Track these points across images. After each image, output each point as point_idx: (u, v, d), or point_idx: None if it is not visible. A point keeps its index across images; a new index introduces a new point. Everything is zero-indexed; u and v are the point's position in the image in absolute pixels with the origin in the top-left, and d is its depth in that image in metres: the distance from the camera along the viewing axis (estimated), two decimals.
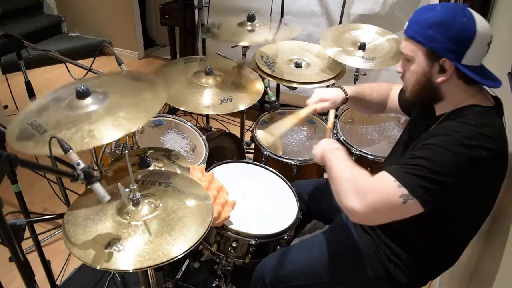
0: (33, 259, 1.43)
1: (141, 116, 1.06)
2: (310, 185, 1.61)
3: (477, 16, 0.96)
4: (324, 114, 2.50)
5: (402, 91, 1.37)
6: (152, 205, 1.09)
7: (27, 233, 1.11)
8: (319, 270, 1.24)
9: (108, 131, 1.00)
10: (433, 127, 1.07)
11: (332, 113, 1.45)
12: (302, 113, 1.46)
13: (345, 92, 1.43)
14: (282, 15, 2.60)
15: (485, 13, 2.57)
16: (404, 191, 0.93)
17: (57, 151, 0.92)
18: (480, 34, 0.95)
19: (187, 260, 1.86)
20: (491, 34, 0.97)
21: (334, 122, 1.37)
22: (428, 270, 1.19)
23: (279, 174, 1.66)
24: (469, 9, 0.97)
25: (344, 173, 1.05)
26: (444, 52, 0.97)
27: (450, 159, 0.92)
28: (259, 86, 1.85)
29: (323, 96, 1.42)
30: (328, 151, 1.18)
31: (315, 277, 1.24)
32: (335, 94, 1.42)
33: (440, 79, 1.01)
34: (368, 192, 0.98)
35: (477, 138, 0.92)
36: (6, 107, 2.80)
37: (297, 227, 1.51)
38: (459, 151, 0.92)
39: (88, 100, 1.10)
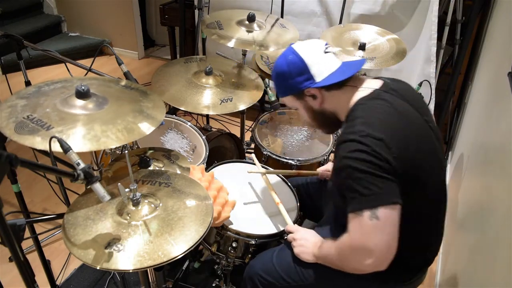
0: (33, 259, 1.44)
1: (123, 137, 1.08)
2: (303, 182, 1.61)
3: (298, 45, 1.16)
4: None
5: None
6: (152, 205, 1.09)
7: (27, 233, 1.12)
8: (308, 270, 1.24)
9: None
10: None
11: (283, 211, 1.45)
12: (304, 172, 1.68)
13: None
14: (282, 15, 2.60)
15: (485, 13, 2.58)
16: (366, 213, 0.96)
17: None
18: (306, 57, 1.13)
19: (187, 260, 1.86)
20: (320, 45, 1.16)
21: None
22: (415, 263, 1.20)
23: (279, 174, 1.66)
24: (293, 45, 1.17)
25: (337, 260, 1.11)
26: (300, 87, 1.16)
27: (355, 158, 0.98)
28: (259, 86, 1.85)
29: (329, 166, 1.60)
30: (318, 250, 1.19)
31: (304, 277, 1.24)
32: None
33: (318, 103, 1.18)
34: (360, 245, 1.00)
35: (365, 128, 1.00)
36: None
37: None
38: (356, 148, 0.98)
39: (86, 101, 1.11)
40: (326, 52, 1.15)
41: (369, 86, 1.13)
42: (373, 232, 0.97)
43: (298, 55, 1.14)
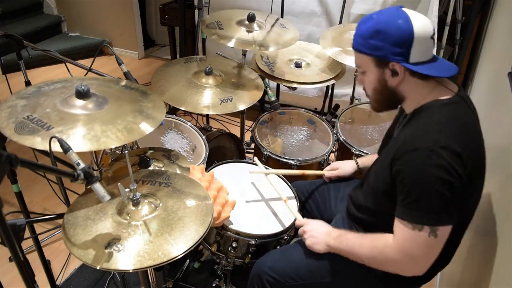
0: (33, 259, 1.44)
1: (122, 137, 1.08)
2: (309, 186, 1.61)
3: (413, 15, 1.01)
4: (324, 114, 2.51)
5: None
6: (152, 205, 1.09)
7: (27, 233, 1.12)
8: (317, 270, 1.24)
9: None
10: (400, 129, 1.14)
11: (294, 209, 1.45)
12: (308, 172, 1.65)
13: (357, 164, 1.55)
14: (282, 15, 2.60)
15: (485, 13, 2.58)
16: (426, 229, 0.96)
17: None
18: (418, 32, 0.99)
19: (187, 260, 1.86)
20: (431, 27, 1.02)
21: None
22: (435, 268, 1.19)
23: (279, 174, 1.66)
24: (404, 9, 1.03)
25: (371, 255, 1.09)
26: (390, 57, 1.03)
27: (431, 173, 0.94)
28: (259, 86, 1.85)
29: (335, 165, 1.58)
30: (334, 241, 1.17)
31: (313, 277, 1.24)
32: (346, 165, 1.56)
33: (395, 82, 1.07)
34: (409, 255, 1.00)
35: (443, 138, 0.95)
36: None
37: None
38: (432, 161, 0.93)
39: (86, 101, 1.11)
40: (431, 38, 1.02)
41: (450, 87, 1.06)
42: (428, 247, 0.98)
43: (410, 24, 0.99)
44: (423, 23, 1.00)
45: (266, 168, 1.65)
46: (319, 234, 1.22)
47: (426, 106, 1.05)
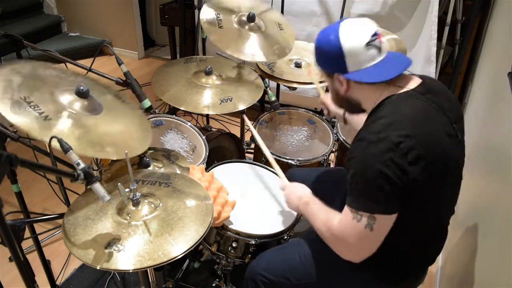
0: (33, 259, 1.44)
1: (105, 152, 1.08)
2: (307, 174, 1.61)
3: (343, 28, 1.05)
4: (324, 114, 2.51)
5: None
6: (152, 205, 1.10)
7: (27, 233, 1.12)
8: (311, 269, 1.24)
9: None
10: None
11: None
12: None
13: (345, 112, 1.58)
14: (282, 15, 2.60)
15: (485, 13, 2.58)
16: (364, 218, 0.99)
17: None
18: (345, 45, 1.04)
19: (187, 260, 1.86)
20: (365, 36, 1.04)
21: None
22: (416, 264, 1.20)
23: (279, 174, 1.66)
24: (342, 23, 1.07)
25: (322, 230, 1.13)
26: (331, 70, 1.12)
27: (370, 164, 0.97)
28: (259, 86, 1.85)
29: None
30: (303, 204, 1.26)
31: (307, 277, 1.24)
32: (335, 108, 1.61)
33: (343, 90, 1.13)
34: (346, 242, 1.05)
35: (384, 129, 0.97)
36: None
37: (297, 227, 1.51)
38: (372, 150, 0.97)
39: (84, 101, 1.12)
40: (368, 45, 1.05)
41: (404, 85, 1.08)
42: (362, 238, 1.02)
43: (338, 40, 1.05)
44: (351, 35, 1.04)
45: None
46: (294, 197, 1.30)
47: (379, 104, 1.08)
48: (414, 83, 1.08)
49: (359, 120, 1.54)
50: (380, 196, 0.97)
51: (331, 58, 1.08)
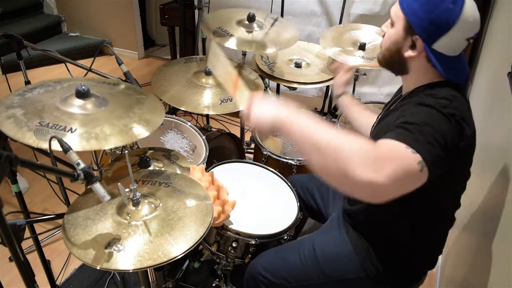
0: (33, 259, 1.43)
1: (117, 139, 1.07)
2: (308, 181, 1.61)
3: (468, 8, 0.94)
4: (324, 114, 2.51)
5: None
6: (152, 205, 1.09)
7: (27, 233, 1.12)
8: (311, 271, 1.24)
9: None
10: (404, 101, 1.08)
11: None
12: None
13: (341, 94, 1.57)
14: (282, 15, 2.60)
15: (485, 13, 2.57)
16: (418, 157, 0.83)
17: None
18: (459, 26, 0.94)
19: (187, 260, 1.86)
20: (474, 31, 0.97)
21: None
22: (418, 267, 1.20)
23: (279, 174, 1.66)
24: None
25: (342, 138, 0.87)
26: (420, 30, 0.98)
27: (443, 122, 0.89)
28: (259, 86, 1.85)
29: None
30: (288, 113, 0.98)
31: (307, 278, 1.24)
32: (338, 86, 1.60)
33: (408, 54, 1.03)
34: (385, 160, 0.82)
35: (451, 107, 0.92)
36: None
37: (296, 227, 1.51)
38: (438, 114, 0.90)
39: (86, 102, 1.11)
40: (467, 40, 0.97)
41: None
42: (407, 173, 0.83)
43: (457, 16, 0.93)
44: (469, 22, 0.94)
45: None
46: (267, 106, 0.99)
47: (429, 84, 1.02)
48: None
49: (349, 106, 1.53)
50: (440, 152, 0.87)
51: (433, 20, 0.95)
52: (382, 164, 0.81)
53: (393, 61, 1.09)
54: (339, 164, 0.83)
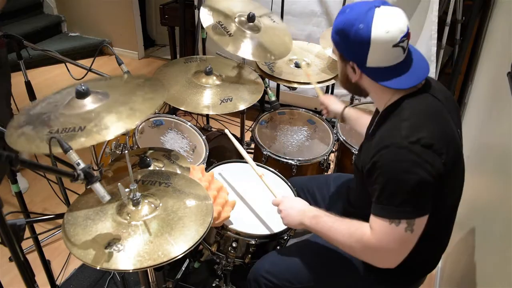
0: (33, 259, 1.43)
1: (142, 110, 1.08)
2: (309, 183, 1.61)
3: (380, 21, 0.97)
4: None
5: None
6: (152, 205, 1.10)
7: (27, 233, 1.11)
8: (315, 273, 1.24)
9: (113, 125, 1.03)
10: (372, 127, 1.14)
11: None
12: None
13: (344, 110, 1.60)
14: (282, 15, 2.60)
15: (485, 13, 2.58)
16: (404, 224, 0.96)
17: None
18: (375, 40, 0.98)
19: (187, 260, 1.86)
20: (397, 35, 0.98)
21: None
22: (419, 268, 1.20)
23: (279, 174, 1.66)
24: (376, 10, 0.98)
25: (348, 241, 1.07)
26: (349, 56, 1.06)
27: (402, 169, 0.94)
28: (259, 86, 1.85)
29: (326, 99, 1.67)
30: (309, 221, 1.17)
31: (311, 280, 1.24)
32: (335, 104, 1.64)
33: (355, 78, 1.09)
34: (384, 249, 1.00)
35: (413, 132, 0.95)
36: None
37: None
38: (406, 155, 0.94)
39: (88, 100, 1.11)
40: (395, 46, 1.00)
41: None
42: (404, 242, 0.99)
43: (369, 31, 0.98)
44: (385, 31, 0.97)
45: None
46: (294, 211, 1.21)
47: (395, 104, 1.05)
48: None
49: (357, 118, 1.54)
50: (420, 200, 0.96)
51: (353, 45, 1.02)
52: (386, 253, 1.02)
53: (349, 87, 1.17)
54: (363, 258, 1.09)
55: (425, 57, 1.11)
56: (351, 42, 1.01)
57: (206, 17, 1.80)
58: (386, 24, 0.98)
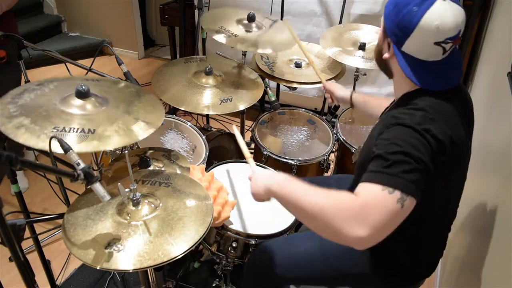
0: (33, 259, 1.43)
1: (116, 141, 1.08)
2: (310, 183, 1.61)
3: (436, 12, 0.94)
4: (324, 114, 2.51)
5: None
6: (152, 205, 1.10)
7: (27, 233, 1.11)
8: (314, 264, 1.23)
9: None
10: (387, 112, 1.13)
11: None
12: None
13: (352, 95, 1.62)
14: (282, 15, 2.60)
15: (485, 13, 2.58)
16: (397, 194, 0.88)
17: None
18: (420, 29, 0.95)
19: (187, 260, 1.86)
20: (444, 35, 0.96)
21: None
22: (423, 265, 1.20)
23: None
24: (438, 1, 0.95)
25: (324, 202, 0.93)
26: (390, 33, 1.03)
27: (412, 145, 0.91)
28: (259, 86, 1.85)
29: (332, 86, 1.69)
30: (278, 183, 1.05)
31: (310, 271, 1.23)
32: (342, 90, 1.66)
33: (385, 55, 1.08)
34: (366, 213, 0.88)
35: (427, 122, 0.94)
36: None
37: (296, 226, 1.51)
38: (414, 136, 0.92)
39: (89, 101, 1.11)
40: (436, 44, 0.97)
41: None
42: (391, 214, 0.88)
43: (418, 19, 0.95)
44: (434, 25, 0.94)
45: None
46: (261, 177, 1.11)
47: (414, 93, 1.04)
48: None
49: (366, 102, 1.56)
50: (417, 179, 0.90)
51: (398, 23, 0.99)
52: (364, 218, 0.87)
53: (379, 62, 1.15)
54: (327, 227, 0.91)
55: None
56: (398, 19, 0.98)
57: (219, 38, 1.80)
58: (439, 19, 0.95)
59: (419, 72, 1.01)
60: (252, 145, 2.02)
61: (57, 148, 0.94)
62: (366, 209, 0.88)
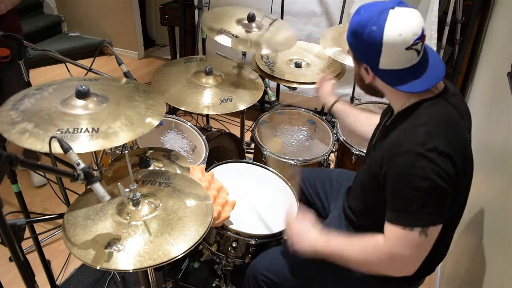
0: (33, 259, 1.43)
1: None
2: (309, 174, 1.61)
3: (393, 23, 0.96)
4: (324, 114, 2.51)
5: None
6: (152, 205, 1.10)
7: (27, 233, 1.12)
8: (314, 271, 1.23)
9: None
10: (384, 127, 1.15)
11: None
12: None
13: (335, 102, 1.57)
14: (282, 15, 2.60)
15: (485, 13, 2.58)
16: (418, 230, 0.96)
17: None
18: (387, 42, 0.97)
19: (187, 260, 1.86)
20: (410, 38, 0.97)
21: None
22: (425, 267, 1.19)
23: (279, 174, 1.66)
24: (391, 12, 0.97)
25: (364, 256, 1.06)
26: (362, 59, 1.06)
27: (420, 176, 0.94)
28: (259, 86, 1.85)
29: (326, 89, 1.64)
30: (322, 245, 1.12)
31: (309, 276, 1.24)
32: (327, 96, 1.61)
33: (368, 79, 1.09)
34: (397, 255, 1.00)
35: (430, 139, 0.95)
36: None
37: None
38: (420, 164, 0.94)
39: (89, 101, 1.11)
40: (408, 49, 0.98)
41: (434, 88, 1.05)
42: (419, 247, 0.98)
43: (382, 32, 0.96)
44: (397, 34, 0.96)
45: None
46: (306, 239, 1.17)
47: (412, 107, 1.04)
48: (440, 85, 1.07)
49: (345, 111, 1.56)
50: (435, 207, 0.95)
51: (365, 47, 1.01)
52: (400, 260, 1.01)
53: (365, 89, 1.15)
54: (376, 272, 1.07)
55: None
56: (363, 44, 1.01)
57: (223, 39, 1.80)
58: (399, 27, 0.96)
59: (406, 80, 1.02)
60: (252, 145, 2.02)
61: (57, 148, 0.94)
62: (399, 252, 0.99)
